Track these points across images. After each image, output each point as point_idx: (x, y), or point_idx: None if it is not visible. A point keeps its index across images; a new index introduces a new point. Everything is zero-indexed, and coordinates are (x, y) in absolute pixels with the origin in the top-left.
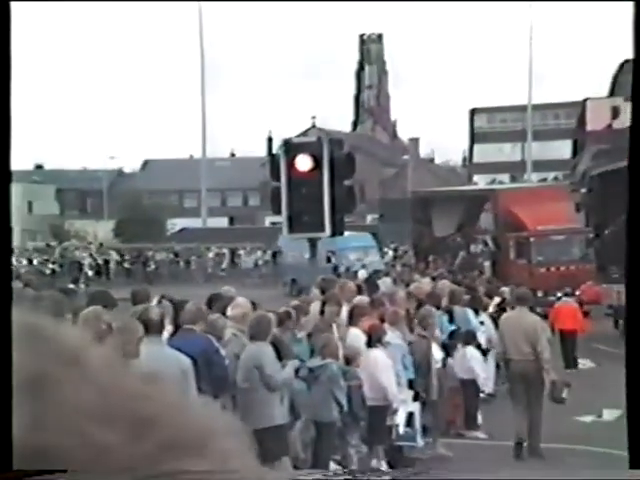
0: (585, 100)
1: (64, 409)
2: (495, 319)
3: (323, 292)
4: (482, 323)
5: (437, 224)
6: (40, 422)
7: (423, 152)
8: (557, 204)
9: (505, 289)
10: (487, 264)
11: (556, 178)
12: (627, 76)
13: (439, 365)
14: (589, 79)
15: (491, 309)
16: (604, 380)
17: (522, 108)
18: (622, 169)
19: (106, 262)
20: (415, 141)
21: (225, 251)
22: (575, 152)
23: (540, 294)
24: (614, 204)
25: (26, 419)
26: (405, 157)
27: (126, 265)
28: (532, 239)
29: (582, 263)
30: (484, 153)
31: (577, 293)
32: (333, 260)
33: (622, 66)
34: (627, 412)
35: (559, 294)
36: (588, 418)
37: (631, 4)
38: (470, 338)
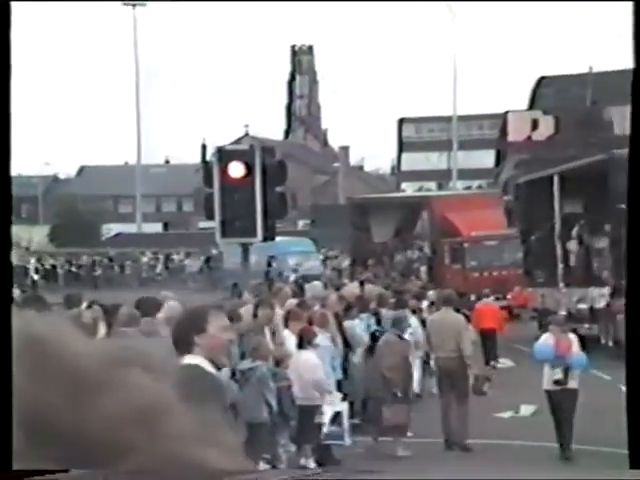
0: (506, 112)
1: None
2: (423, 321)
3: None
4: (409, 325)
5: (375, 230)
6: None
7: (353, 160)
8: (490, 211)
9: (431, 292)
10: (423, 269)
11: (480, 186)
12: (544, 90)
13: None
14: (510, 92)
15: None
16: (522, 378)
17: (448, 119)
18: (547, 177)
19: (53, 267)
20: (345, 149)
21: (160, 256)
22: (498, 161)
23: (473, 298)
24: (539, 211)
25: None
26: (336, 165)
27: (73, 269)
28: (466, 244)
29: (514, 268)
30: (412, 161)
31: (508, 297)
32: (274, 265)
33: (539, 81)
34: (627, 412)
35: (491, 298)
36: (507, 414)
37: (630, 4)
38: None
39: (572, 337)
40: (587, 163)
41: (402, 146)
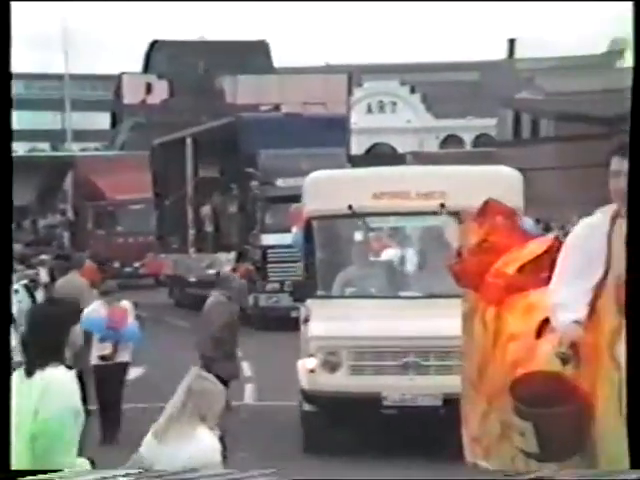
0: (121, 74)
1: None
2: (29, 288)
3: None
4: (17, 292)
5: (14, 191)
6: None
7: None
8: (137, 174)
9: (44, 257)
10: (66, 234)
11: (97, 148)
12: (157, 54)
13: None
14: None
15: (44, 275)
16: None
17: (60, 77)
18: (180, 140)
19: None
20: None
21: None
22: (114, 123)
23: (117, 265)
24: (174, 175)
25: None
26: None
27: None
28: (110, 208)
29: None
30: (24, 120)
31: (142, 263)
32: None
33: (152, 45)
34: (627, 412)
35: (136, 264)
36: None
37: (630, 4)
38: None
39: (127, 305)
40: (218, 126)
41: (13, 104)
